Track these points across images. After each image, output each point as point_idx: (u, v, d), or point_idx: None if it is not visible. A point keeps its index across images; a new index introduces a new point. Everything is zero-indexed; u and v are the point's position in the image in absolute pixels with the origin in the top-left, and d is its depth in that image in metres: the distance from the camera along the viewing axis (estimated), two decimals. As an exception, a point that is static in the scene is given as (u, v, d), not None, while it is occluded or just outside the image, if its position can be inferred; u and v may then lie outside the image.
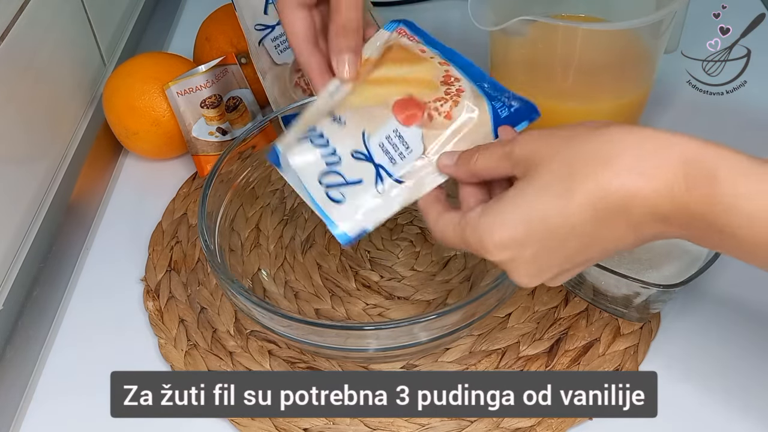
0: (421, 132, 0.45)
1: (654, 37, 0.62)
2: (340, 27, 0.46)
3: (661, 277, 0.52)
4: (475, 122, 0.45)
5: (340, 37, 0.47)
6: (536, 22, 0.57)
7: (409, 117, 0.45)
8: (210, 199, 0.54)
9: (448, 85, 0.46)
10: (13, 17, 0.59)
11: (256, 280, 0.58)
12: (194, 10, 0.95)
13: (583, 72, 0.64)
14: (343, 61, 0.47)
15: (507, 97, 0.46)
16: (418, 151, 0.45)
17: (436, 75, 0.47)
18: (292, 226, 0.64)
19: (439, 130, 0.45)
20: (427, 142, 0.45)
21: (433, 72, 0.47)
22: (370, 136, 0.45)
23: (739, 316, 0.56)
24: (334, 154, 0.46)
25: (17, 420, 0.52)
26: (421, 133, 0.45)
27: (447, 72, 0.47)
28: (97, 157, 0.71)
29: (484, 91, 0.46)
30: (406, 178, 0.45)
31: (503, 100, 0.45)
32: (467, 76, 0.47)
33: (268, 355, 0.55)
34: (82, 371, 0.55)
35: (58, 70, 0.68)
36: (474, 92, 0.46)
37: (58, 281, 0.61)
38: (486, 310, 0.48)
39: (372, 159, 0.45)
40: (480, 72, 0.47)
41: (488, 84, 0.46)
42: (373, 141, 0.45)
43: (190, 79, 0.67)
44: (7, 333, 0.53)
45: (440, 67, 0.47)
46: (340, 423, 0.51)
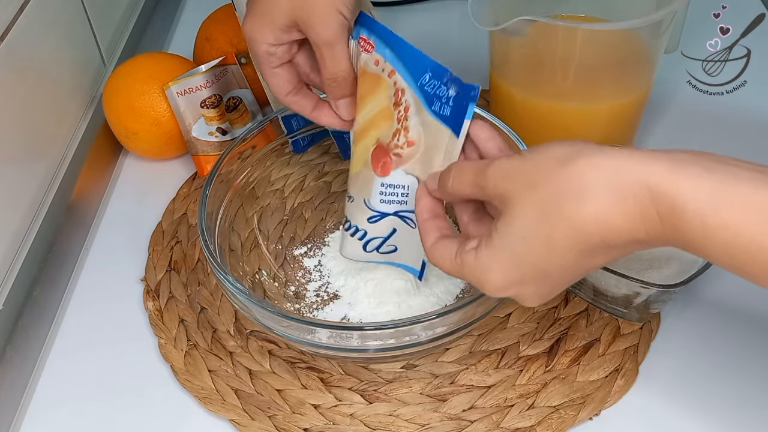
0: (402, 170, 0.48)
1: (654, 37, 0.62)
2: (330, 80, 0.48)
3: (661, 277, 0.52)
4: (433, 133, 0.46)
5: (332, 87, 0.49)
6: (536, 21, 0.57)
7: (383, 167, 0.48)
8: (210, 199, 0.54)
9: (398, 106, 0.47)
10: (13, 17, 0.59)
11: (256, 280, 0.58)
12: (194, 10, 0.95)
13: (583, 72, 0.64)
14: (341, 106, 0.50)
15: (445, 85, 0.45)
16: (414, 183, 0.48)
17: (390, 96, 0.48)
18: (292, 226, 0.64)
19: (413, 157, 0.47)
20: (414, 171, 0.47)
21: (387, 93, 0.48)
22: (369, 200, 0.49)
23: (739, 316, 0.56)
24: (358, 230, 0.51)
25: (17, 420, 0.52)
26: (402, 170, 0.48)
27: (396, 85, 0.47)
28: (97, 157, 0.71)
29: (423, 92, 0.46)
30: None
31: (440, 95, 0.45)
32: (409, 77, 0.46)
33: (268, 355, 0.55)
34: (82, 371, 0.55)
35: (58, 70, 0.68)
36: (416, 103, 0.46)
37: (58, 281, 0.61)
38: (486, 311, 0.48)
39: (386, 214, 0.49)
40: (420, 62, 0.46)
41: (429, 76, 0.46)
42: (374, 203, 0.49)
43: (190, 79, 0.67)
44: (7, 333, 0.53)
45: (389, 81, 0.47)
46: (340, 423, 0.51)
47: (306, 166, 0.65)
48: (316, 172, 0.65)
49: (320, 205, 0.65)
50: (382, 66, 0.47)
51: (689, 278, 0.50)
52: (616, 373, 0.52)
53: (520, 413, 0.51)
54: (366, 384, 0.53)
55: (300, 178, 0.65)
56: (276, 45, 0.48)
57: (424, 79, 0.46)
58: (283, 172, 0.64)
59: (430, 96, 0.45)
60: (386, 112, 0.48)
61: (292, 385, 0.53)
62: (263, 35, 0.48)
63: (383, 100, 0.48)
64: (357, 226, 0.51)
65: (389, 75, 0.47)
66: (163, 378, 0.54)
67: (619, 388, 0.52)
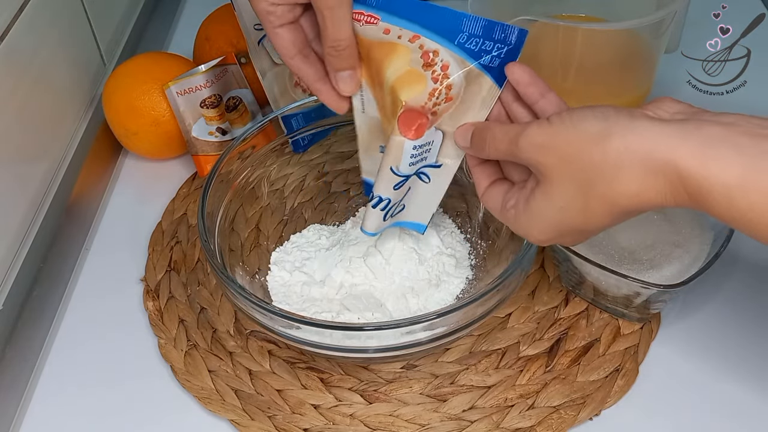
0: (433, 128, 0.47)
1: (654, 37, 0.62)
2: (330, 48, 0.46)
3: (662, 277, 0.52)
4: (475, 85, 0.46)
5: (332, 57, 0.47)
6: (537, 21, 0.57)
7: (417, 130, 0.47)
8: (210, 199, 0.54)
9: (431, 67, 0.46)
10: (13, 17, 0.59)
11: (256, 280, 0.58)
12: (194, 10, 0.95)
13: (584, 72, 0.64)
14: (341, 79, 0.48)
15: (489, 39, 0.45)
16: (439, 137, 0.48)
17: (415, 59, 0.46)
18: (292, 226, 0.63)
19: (447, 112, 0.47)
20: (443, 126, 0.47)
21: (410, 57, 0.46)
22: (398, 167, 0.48)
23: (739, 316, 0.56)
24: (381, 200, 0.50)
25: (17, 420, 0.52)
26: (433, 128, 0.47)
27: (422, 48, 0.46)
28: (96, 157, 0.71)
29: (465, 50, 0.45)
30: (440, 160, 0.49)
31: (487, 48, 0.45)
32: (442, 39, 0.46)
33: (268, 355, 0.55)
34: (81, 371, 0.55)
35: (58, 70, 0.68)
36: (457, 60, 0.45)
37: (58, 281, 0.61)
38: (486, 311, 0.48)
39: (409, 176, 0.49)
40: (451, 21, 0.45)
41: (466, 35, 0.45)
42: (402, 168, 0.48)
43: (190, 79, 0.67)
44: (7, 333, 0.53)
45: (413, 45, 0.46)
46: (340, 423, 0.51)
47: (306, 166, 0.65)
48: (316, 172, 0.65)
49: (320, 205, 0.65)
50: (397, 33, 0.46)
51: (689, 278, 0.50)
52: (617, 373, 0.52)
53: (520, 413, 0.51)
54: (366, 384, 0.53)
55: (300, 178, 0.65)
56: (276, 4, 0.46)
57: (461, 38, 0.45)
58: (283, 172, 0.64)
59: (476, 52, 0.45)
60: (412, 76, 0.46)
61: (292, 385, 0.53)
62: None
63: (403, 65, 0.46)
64: (381, 197, 0.50)
65: (410, 40, 0.46)
66: (163, 378, 0.54)
67: (619, 389, 0.52)
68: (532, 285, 0.59)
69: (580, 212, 0.39)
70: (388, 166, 0.48)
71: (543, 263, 0.60)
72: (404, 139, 0.47)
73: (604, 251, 0.54)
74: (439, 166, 0.49)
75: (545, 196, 0.40)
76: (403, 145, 0.47)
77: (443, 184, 0.50)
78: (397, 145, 0.47)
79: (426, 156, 0.48)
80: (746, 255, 0.60)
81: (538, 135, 0.40)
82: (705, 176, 0.34)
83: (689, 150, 0.35)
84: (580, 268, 0.54)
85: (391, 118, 0.47)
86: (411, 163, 0.48)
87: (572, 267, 0.55)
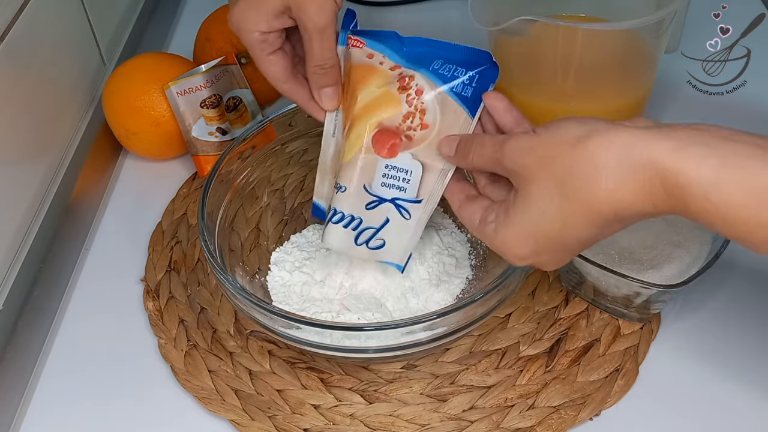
0: (410, 153, 0.48)
1: (654, 37, 0.62)
2: (317, 67, 0.49)
3: (662, 277, 0.52)
4: (450, 114, 0.47)
5: (317, 75, 0.49)
6: (537, 21, 0.57)
7: (391, 149, 0.48)
8: (210, 199, 0.54)
9: (406, 90, 0.48)
10: (13, 17, 0.59)
11: (256, 280, 0.58)
12: (194, 10, 0.95)
13: (584, 72, 0.64)
14: (324, 95, 0.50)
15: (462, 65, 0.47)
16: (418, 169, 0.48)
17: (391, 82, 0.48)
18: (292, 226, 0.63)
19: (424, 141, 0.48)
20: (421, 156, 0.48)
21: (387, 80, 0.48)
22: (371, 185, 0.49)
23: (739, 316, 0.56)
24: (353, 219, 0.50)
25: (17, 420, 0.52)
26: (410, 154, 0.48)
27: (400, 74, 0.48)
28: (97, 157, 0.71)
29: (439, 76, 0.47)
30: (421, 195, 0.49)
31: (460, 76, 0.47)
32: (418, 66, 0.48)
33: (268, 356, 0.55)
34: (82, 371, 0.55)
35: (58, 70, 0.68)
36: (432, 86, 0.47)
37: (58, 281, 0.61)
38: (486, 311, 0.48)
39: (384, 199, 0.49)
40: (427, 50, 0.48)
41: (441, 61, 0.47)
42: (375, 187, 0.49)
43: (190, 79, 0.67)
44: (7, 333, 0.53)
45: (392, 73, 0.48)
46: (340, 423, 0.51)
47: (306, 166, 0.65)
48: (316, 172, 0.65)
49: (320, 205, 0.65)
50: (379, 59, 0.48)
51: (689, 278, 0.50)
52: (617, 373, 0.52)
53: (520, 413, 0.51)
54: (366, 384, 0.53)
55: (300, 178, 0.65)
56: (267, 32, 0.48)
57: (436, 65, 0.47)
58: (283, 172, 0.64)
59: (448, 78, 0.47)
60: (386, 97, 0.48)
61: (292, 385, 0.53)
62: (256, 23, 0.48)
63: (378, 87, 0.48)
64: (352, 215, 0.50)
65: (391, 69, 0.48)
66: (163, 378, 0.54)
67: (620, 389, 0.52)
68: (532, 285, 0.59)
69: (557, 219, 0.39)
70: (361, 184, 0.49)
71: (543, 263, 0.60)
72: (377, 156, 0.49)
73: (604, 251, 0.54)
74: (419, 202, 0.49)
75: (524, 201, 0.40)
76: (377, 162, 0.49)
77: (423, 219, 0.50)
78: (369, 162, 0.49)
79: (404, 187, 0.49)
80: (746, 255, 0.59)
81: (522, 141, 0.41)
82: (682, 171, 0.35)
83: (666, 148, 0.36)
84: (580, 268, 0.54)
85: (355, 140, 0.49)
86: (384, 183, 0.49)
87: (572, 267, 0.55)
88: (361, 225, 0.50)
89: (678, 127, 0.37)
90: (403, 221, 0.50)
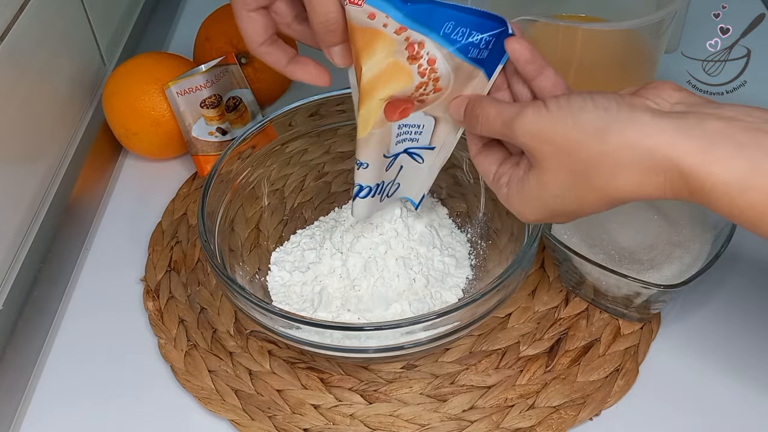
0: (422, 112, 0.47)
1: (654, 37, 0.62)
2: (320, 25, 0.45)
3: (662, 277, 0.52)
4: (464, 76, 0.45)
5: (323, 34, 0.45)
6: (536, 21, 0.57)
7: (403, 112, 0.47)
8: (210, 199, 0.54)
9: (416, 60, 0.44)
10: (13, 17, 0.59)
11: (256, 280, 0.58)
12: (194, 10, 0.95)
13: (584, 72, 0.64)
14: (335, 54, 0.46)
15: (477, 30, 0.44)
16: (430, 122, 0.48)
17: (399, 51, 0.44)
18: (292, 226, 0.63)
19: (437, 101, 0.47)
20: (434, 112, 0.48)
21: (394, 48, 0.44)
22: (388, 150, 0.49)
23: (740, 316, 0.56)
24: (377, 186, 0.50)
25: (17, 420, 0.52)
26: (422, 112, 0.47)
27: (408, 40, 0.44)
28: (97, 157, 0.71)
29: (451, 41, 0.44)
30: (434, 143, 0.49)
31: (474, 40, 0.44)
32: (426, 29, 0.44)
33: (268, 356, 0.55)
34: (82, 371, 0.55)
35: (58, 70, 0.68)
36: (445, 54, 0.44)
37: (58, 281, 0.61)
38: (486, 311, 0.48)
39: (398, 154, 0.50)
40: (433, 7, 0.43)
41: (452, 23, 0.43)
42: (391, 150, 0.49)
43: (190, 79, 0.67)
44: (7, 333, 0.53)
45: (398, 38, 0.44)
46: (340, 423, 0.51)
47: (306, 166, 0.65)
48: (316, 172, 0.65)
49: (320, 205, 0.65)
50: (382, 20, 0.43)
51: (689, 278, 0.50)
52: (617, 373, 0.52)
53: (520, 413, 0.51)
54: (366, 384, 0.53)
55: (300, 178, 0.65)
56: None
57: (447, 28, 0.44)
58: (283, 172, 0.64)
59: (462, 44, 0.44)
60: (396, 69, 0.45)
61: (292, 385, 0.53)
62: None
63: (385, 57, 0.44)
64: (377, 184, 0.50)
65: (396, 32, 0.43)
66: (163, 378, 0.54)
67: (620, 389, 0.52)
68: (532, 285, 0.59)
69: (574, 201, 0.40)
70: (380, 155, 0.49)
71: (543, 263, 0.60)
72: (390, 123, 0.47)
73: (604, 251, 0.54)
74: (432, 149, 0.50)
75: (540, 183, 0.40)
76: (391, 127, 0.48)
77: (437, 164, 0.51)
78: (385, 133, 0.47)
79: (416, 138, 0.49)
80: (747, 255, 0.60)
81: (534, 122, 0.39)
82: (707, 174, 0.34)
83: (691, 148, 0.35)
84: (580, 268, 0.54)
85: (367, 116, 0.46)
86: (397, 141, 0.49)
87: (572, 267, 0.55)
88: (382, 186, 0.51)
89: (706, 118, 0.36)
90: (417, 165, 0.51)
